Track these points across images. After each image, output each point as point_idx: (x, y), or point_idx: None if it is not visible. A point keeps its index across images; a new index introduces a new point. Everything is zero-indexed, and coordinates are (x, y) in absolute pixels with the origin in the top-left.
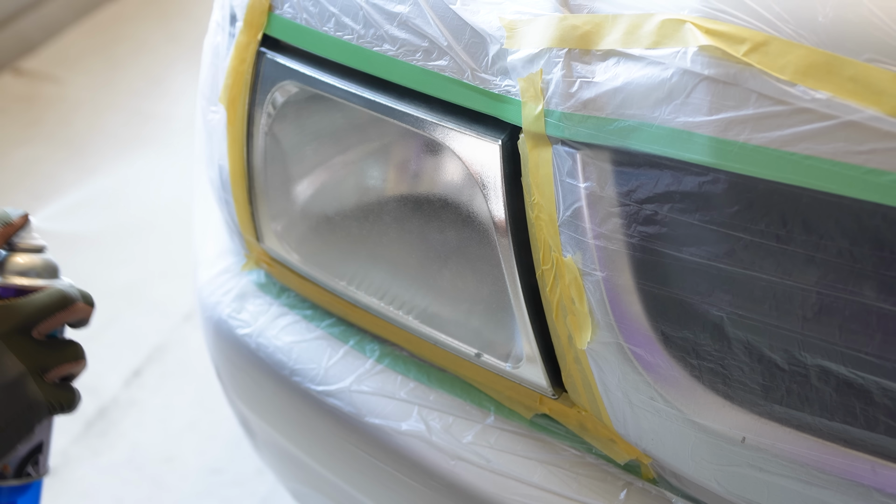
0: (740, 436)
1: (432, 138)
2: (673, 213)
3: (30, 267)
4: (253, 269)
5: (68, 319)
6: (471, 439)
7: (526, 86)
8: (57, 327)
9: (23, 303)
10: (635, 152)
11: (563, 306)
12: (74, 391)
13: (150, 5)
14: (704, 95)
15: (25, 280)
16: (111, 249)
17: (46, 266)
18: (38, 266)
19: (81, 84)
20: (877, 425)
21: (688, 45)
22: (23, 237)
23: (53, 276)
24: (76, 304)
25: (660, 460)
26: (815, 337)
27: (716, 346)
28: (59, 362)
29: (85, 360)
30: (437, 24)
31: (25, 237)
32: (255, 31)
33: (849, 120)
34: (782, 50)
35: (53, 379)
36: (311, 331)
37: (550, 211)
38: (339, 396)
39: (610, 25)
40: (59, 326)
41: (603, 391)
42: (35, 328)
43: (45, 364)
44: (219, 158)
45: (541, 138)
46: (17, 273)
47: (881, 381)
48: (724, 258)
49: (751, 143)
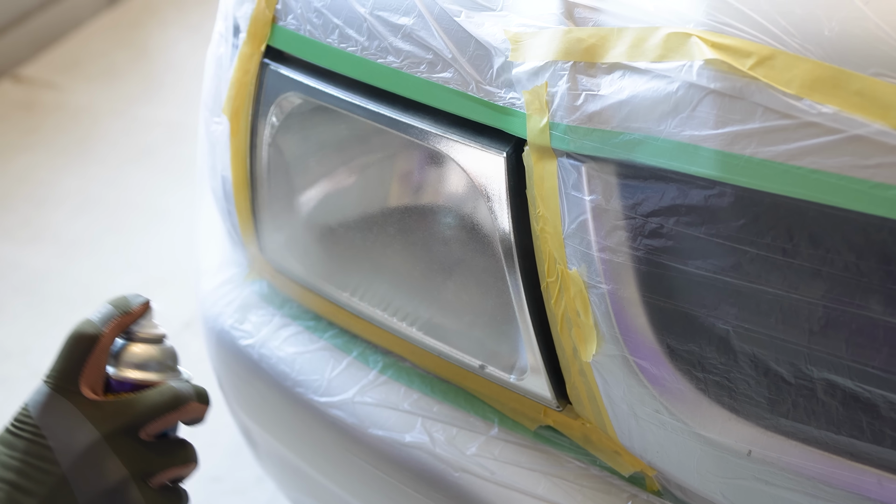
0: (746, 449)
1: (437, 150)
2: (679, 227)
3: (146, 359)
4: (255, 280)
5: (180, 420)
6: (475, 451)
7: (531, 98)
8: (167, 428)
9: (132, 401)
10: (641, 165)
11: (568, 319)
12: (181, 496)
13: (149, 13)
14: (710, 109)
15: (140, 374)
16: (110, 257)
17: (164, 357)
18: (155, 358)
19: (81, 91)
20: (883, 439)
21: (694, 58)
22: (142, 325)
23: (171, 368)
24: (189, 405)
25: (665, 473)
26: (822, 350)
27: (722, 359)
28: (166, 466)
29: (196, 463)
30: (442, 37)
31: (145, 325)
32: (258, 42)
33: (855, 134)
34: (788, 64)
35: (159, 484)
36: (314, 342)
37: (555, 223)
38: (343, 408)
39: (615, 38)
40: (170, 427)
41: (608, 403)
42: (143, 429)
43: (151, 468)
44: (222, 169)
45: (546, 151)
46: (133, 365)
47: (888, 395)
48: (729, 271)
49: (757, 156)
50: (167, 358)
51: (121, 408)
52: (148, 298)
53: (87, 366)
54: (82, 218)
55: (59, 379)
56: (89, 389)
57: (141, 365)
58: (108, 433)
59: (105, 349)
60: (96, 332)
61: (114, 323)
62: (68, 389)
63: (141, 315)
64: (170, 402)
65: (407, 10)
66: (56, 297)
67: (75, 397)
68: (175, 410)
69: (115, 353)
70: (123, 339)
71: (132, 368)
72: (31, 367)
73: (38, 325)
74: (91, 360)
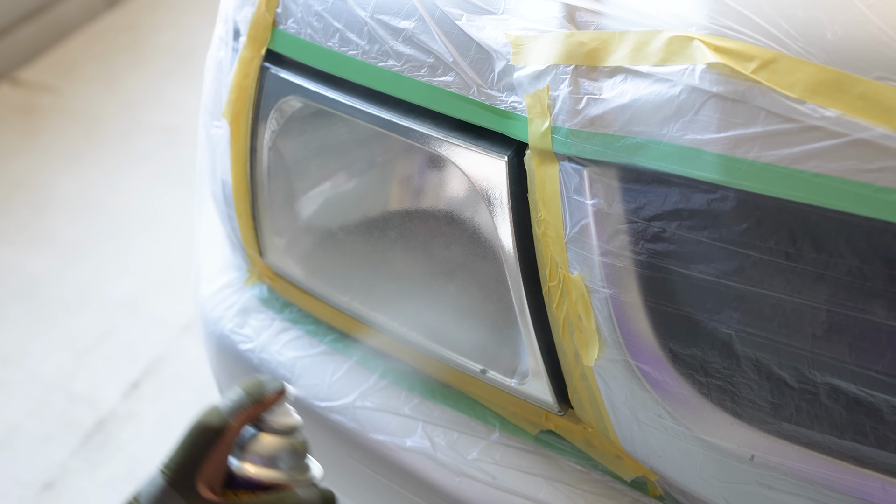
0: (749, 453)
1: (438, 154)
2: (681, 231)
3: (275, 454)
4: (255, 284)
5: None
6: (476, 455)
7: (532, 102)
8: None
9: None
10: (643, 169)
11: (570, 323)
12: None
13: (148, 17)
14: (713, 113)
15: (266, 471)
16: (109, 260)
17: (294, 452)
18: (285, 452)
19: (79, 95)
20: (886, 443)
21: (696, 62)
22: (275, 412)
23: (300, 465)
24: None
25: (667, 477)
26: (825, 355)
27: (724, 363)
28: None
29: None
30: (443, 40)
31: (278, 413)
32: (258, 46)
33: (858, 138)
34: (791, 68)
35: None
36: (315, 346)
37: (557, 227)
38: (343, 412)
39: (617, 42)
40: None
41: (610, 408)
42: None
43: None
44: (222, 173)
45: (547, 155)
46: (260, 461)
47: (891, 399)
48: (732, 276)
49: (760, 160)
50: (297, 454)
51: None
52: (284, 384)
53: (208, 461)
54: (80, 222)
55: (177, 473)
56: (207, 487)
57: (268, 461)
58: None
59: (229, 443)
60: (222, 425)
61: (244, 414)
62: (185, 485)
63: (276, 402)
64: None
65: (408, 14)
66: (54, 301)
67: (192, 495)
68: None
69: (241, 442)
70: (255, 428)
71: (258, 465)
72: (28, 371)
73: (35, 329)
74: (213, 456)
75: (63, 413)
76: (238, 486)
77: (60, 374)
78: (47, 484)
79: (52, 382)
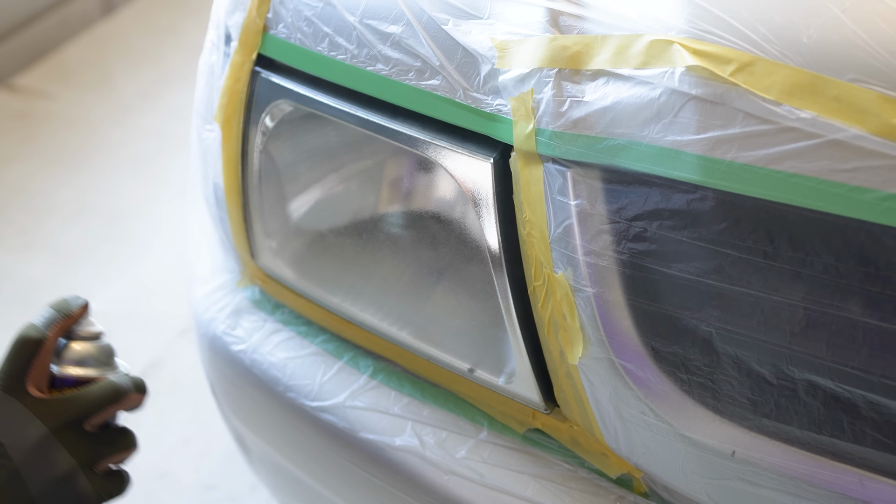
0: (730, 449)
1: (425, 157)
2: (662, 230)
3: (86, 356)
4: (247, 286)
5: (120, 410)
6: (464, 454)
7: (517, 105)
8: (108, 418)
9: (75, 397)
10: (625, 170)
11: (555, 322)
12: (123, 477)
13: (143, 23)
14: (692, 115)
15: (81, 370)
16: (105, 265)
17: (102, 353)
18: (94, 354)
19: (75, 100)
20: (864, 439)
21: (675, 65)
22: (81, 324)
23: (109, 362)
24: (128, 396)
25: (651, 474)
26: (803, 351)
27: (705, 360)
28: (109, 453)
29: (136, 447)
30: (430, 45)
31: (84, 324)
32: (249, 50)
33: (833, 139)
34: (768, 70)
35: (103, 469)
36: (306, 347)
37: (542, 228)
38: (334, 412)
39: (599, 46)
40: (111, 417)
41: (594, 406)
42: (87, 421)
43: (96, 456)
44: (214, 176)
45: (532, 156)
46: (74, 362)
47: (868, 395)
48: (712, 274)
49: (737, 161)
50: (105, 354)
51: (65, 404)
52: (86, 300)
53: (33, 368)
54: (76, 227)
55: (7, 380)
56: (36, 388)
57: (81, 362)
58: (55, 427)
59: (49, 351)
60: (40, 336)
61: (56, 326)
62: (16, 389)
63: (81, 316)
64: (111, 395)
65: (396, 19)
66: None
67: (23, 396)
68: (115, 403)
69: (57, 351)
70: (65, 338)
71: (73, 366)
72: None
73: None
74: (36, 363)
75: None
76: (61, 385)
77: None
78: None
79: None
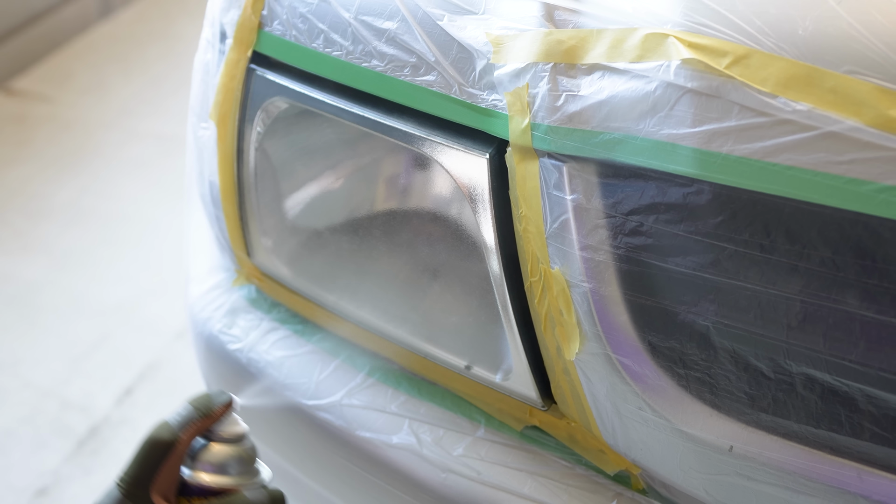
0: (728, 445)
1: (421, 153)
2: (658, 224)
3: (224, 460)
4: (244, 285)
5: None
6: (461, 452)
7: (513, 100)
8: None
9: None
10: (621, 164)
11: (552, 318)
12: None
13: (140, 25)
14: (688, 108)
15: (216, 478)
16: (103, 268)
17: (242, 458)
18: (233, 459)
19: (73, 103)
20: (862, 432)
21: (671, 58)
22: (223, 422)
23: (248, 470)
24: None
25: (649, 470)
26: (800, 345)
27: (702, 355)
28: None
29: None
30: (425, 40)
31: (226, 423)
32: (244, 48)
33: (829, 131)
34: (763, 63)
35: None
36: (302, 345)
37: (538, 223)
38: (331, 410)
39: (595, 40)
40: None
41: (592, 402)
42: None
43: None
44: (209, 174)
45: (528, 151)
46: (210, 468)
47: (865, 389)
48: (709, 268)
49: (733, 154)
50: (246, 459)
51: None
52: (231, 396)
53: (160, 473)
54: (74, 230)
55: (131, 486)
56: (161, 497)
57: (218, 468)
58: None
59: (180, 456)
60: (172, 439)
61: (192, 427)
62: (139, 496)
63: (223, 415)
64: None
65: (391, 15)
66: (48, 308)
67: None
68: None
69: (193, 452)
70: (205, 438)
71: (209, 472)
72: (22, 378)
73: (29, 336)
74: (165, 468)
75: (56, 419)
76: (192, 493)
77: (54, 380)
78: (41, 490)
79: (45, 389)
